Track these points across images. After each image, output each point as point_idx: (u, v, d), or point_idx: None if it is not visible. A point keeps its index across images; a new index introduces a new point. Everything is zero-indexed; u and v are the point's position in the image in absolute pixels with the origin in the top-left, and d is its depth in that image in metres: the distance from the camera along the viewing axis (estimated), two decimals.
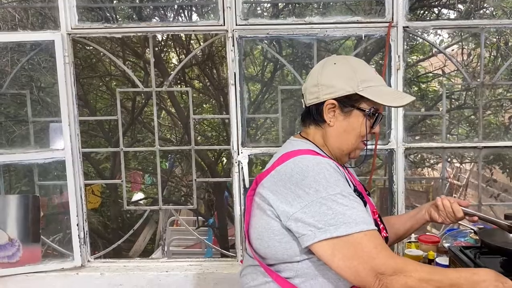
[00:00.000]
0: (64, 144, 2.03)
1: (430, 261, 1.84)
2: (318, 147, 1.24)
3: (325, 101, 1.20)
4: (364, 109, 1.20)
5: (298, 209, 1.07)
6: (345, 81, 1.19)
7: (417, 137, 4.84)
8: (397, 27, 2.00)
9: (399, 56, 2.01)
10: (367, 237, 1.06)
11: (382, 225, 1.28)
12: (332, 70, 1.22)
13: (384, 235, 1.26)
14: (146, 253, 5.61)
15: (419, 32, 2.09)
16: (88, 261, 2.13)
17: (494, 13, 3.63)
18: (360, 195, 1.20)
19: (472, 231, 1.81)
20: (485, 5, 3.50)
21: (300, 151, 1.17)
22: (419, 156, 5.30)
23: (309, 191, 1.08)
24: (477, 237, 1.69)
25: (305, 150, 1.18)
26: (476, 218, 1.40)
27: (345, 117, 1.20)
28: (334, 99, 1.19)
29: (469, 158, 5.25)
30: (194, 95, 5.36)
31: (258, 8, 3.77)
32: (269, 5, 3.77)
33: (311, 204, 1.07)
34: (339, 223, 1.05)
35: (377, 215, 1.29)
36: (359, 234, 1.05)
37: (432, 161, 5.50)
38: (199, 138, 5.77)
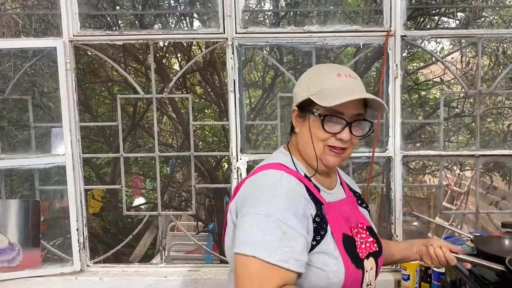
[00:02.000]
0: (65, 149, 2.05)
1: (427, 269, 1.85)
2: (293, 158, 1.24)
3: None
4: (314, 112, 1.17)
5: (238, 220, 1.13)
6: (302, 88, 1.21)
7: (417, 144, 4.86)
8: (395, 36, 2.02)
9: (396, 65, 2.03)
10: (257, 265, 1.04)
11: (372, 238, 1.25)
12: (300, 79, 1.27)
13: (374, 249, 1.23)
14: (146, 258, 5.61)
15: (417, 41, 2.11)
16: (88, 265, 2.14)
17: (493, 22, 3.65)
18: (321, 221, 1.14)
19: (469, 238, 1.82)
20: (483, 14, 3.52)
21: (269, 165, 1.20)
22: (421, 163, 5.31)
23: (249, 204, 1.11)
24: (473, 245, 1.70)
25: (275, 164, 1.20)
26: (469, 265, 1.39)
27: (304, 122, 1.20)
28: (296, 106, 1.23)
29: (469, 166, 5.25)
30: (195, 100, 5.39)
31: (259, 15, 3.81)
32: (270, 12, 3.80)
33: (243, 218, 1.10)
34: (245, 241, 1.07)
35: (364, 228, 1.25)
36: (251, 258, 1.04)
37: (433, 168, 5.51)
38: (200, 143, 5.79)
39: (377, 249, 1.25)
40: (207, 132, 6.13)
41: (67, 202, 2.08)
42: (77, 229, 2.08)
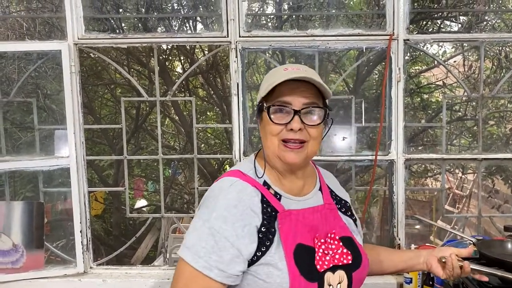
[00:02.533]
0: (69, 151, 2.07)
1: (429, 272, 1.85)
2: (255, 165, 1.22)
3: None
4: (263, 107, 1.17)
5: None
6: (258, 94, 1.22)
7: (420, 148, 4.86)
8: (397, 40, 2.03)
9: (399, 69, 2.04)
10: (185, 268, 1.09)
11: (345, 250, 1.17)
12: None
13: (346, 261, 1.16)
14: (148, 260, 5.63)
15: (419, 45, 2.12)
16: (91, 267, 2.15)
17: (495, 25, 3.66)
18: (267, 231, 1.12)
19: (471, 242, 1.82)
20: (486, 17, 3.53)
21: (229, 172, 1.22)
22: (423, 166, 5.31)
23: (199, 208, 1.16)
24: (476, 249, 1.70)
25: (234, 171, 1.21)
26: (485, 277, 1.35)
27: (260, 121, 1.22)
28: (257, 113, 1.23)
29: (472, 169, 5.25)
30: (198, 103, 5.41)
31: (262, 19, 3.82)
32: (272, 16, 3.82)
33: (192, 220, 1.15)
34: (183, 242, 1.11)
35: (336, 239, 1.18)
36: (181, 259, 1.10)
37: (435, 172, 5.51)
38: (202, 145, 5.81)
39: (351, 261, 1.17)
40: (209, 135, 6.15)
41: (71, 204, 2.09)
42: (80, 231, 2.09)
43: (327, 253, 1.14)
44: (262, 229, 1.11)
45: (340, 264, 1.15)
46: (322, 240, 1.16)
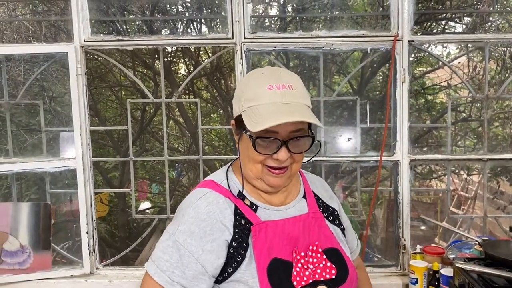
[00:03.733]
0: (76, 153, 2.08)
1: (435, 272, 1.85)
2: (227, 175, 1.17)
3: None
4: (246, 133, 1.07)
5: None
6: (236, 100, 1.11)
7: (424, 149, 4.85)
8: (402, 41, 2.04)
9: (404, 69, 2.04)
10: (148, 282, 1.07)
11: (329, 263, 1.10)
12: (236, 87, 1.16)
13: (328, 276, 1.08)
14: None
15: (424, 46, 2.12)
16: (97, 268, 2.17)
17: (500, 26, 3.65)
18: (239, 246, 1.07)
19: (477, 242, 1.82)
20: (490, 18, 3.52)
21: (202, 182, 1.18)
22: (428, 168, 5.30)
23: (172, 220, 1.14)
24: (482, 249, 1.70)
25: (207, 181, 1.16)
26: None
27: (240, 138, 1.12)
28: (233, 119, 1.14)
29: (477, 170, 5.23)
30: (202, 105, 5.42)
31: (267, 21, 3.83)
32: (277, 18, 3.83)
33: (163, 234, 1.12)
34: (151, 255, 1.10)
35: (319, 251, 1.11)
36: (146, 273, 1.08)
37: (440, 173, 5.49)
38: (206, 147, 5.81)
39: (334, 276, 1.09)
40: (213, 136, 6.15)
41: (77, 206, 2.11)
42: (87, 232, 2.11)
43: (307, 268, 1.07)
44: (233, 244, 1.06)
45: (322, 279, 1.07)
46: (302, 254, 1.09)
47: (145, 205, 6.66)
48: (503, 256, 1.55)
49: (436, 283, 1.85)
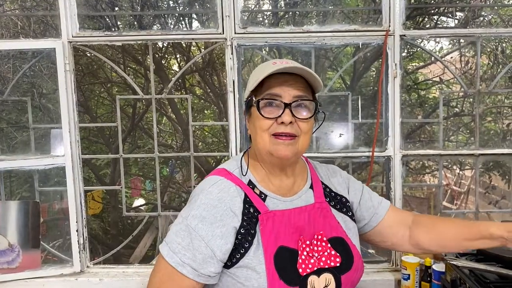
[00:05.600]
0: (65, 150, 2.05)
1: (427, 268, 1.85)
2: (241, 164, 1.21)
3: None
4: (252, 102, 1.15)
5: None
6: (246, 89, 1.20)
7: (417, 144, 4.86)
8: (394, 35, 2.02)
9: (396, 64, 2.03)
10: (162, 263, 1.11)
11: (333, 252, 1.14)
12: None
13: (333, 263, 1.12)
14: (146, 259, 5.62)
15: (416, 41, 2.11)
16: (87, 266, 2.14)
17: (492, 21, 3.65)
18: (247, 233, 1.10)
19: None
20: (482, 13, 3.52)
21: (215, 170, 1.22)
22: (421, 163, 5.31)
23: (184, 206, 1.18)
24: None
25: (219, 170, 1.21)
26: None
27: (249, 117, 1.20)
28: (244, 109, 1.23)
29: (469, 165, 5.26)
30: (195, 101, 5.39)
31: (258, 15, 3.81)
32: (269, 12, 3.81)
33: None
34: (165, 238, 1.13)
35: (324, 240, 1.14)
36: (160, 254, 1.12)
37: (433, 168, 5.51)
38: (200, 144, 5.80)
39: (339, 264, 1.13)
40: (206, 133, 6.14)
41: (67, 203, 2.08)
42: (77, 230, 2.08)
43: (312, 256, 1.11)
44: (241, 231, 1.10)
45: (327, 266, 1.12)
46: (308, 242, 1.13)
47: (139, 201, 6.64)
48: (495, 251, 1.55)
49: (428, 279, 1.84)
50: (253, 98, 1.14)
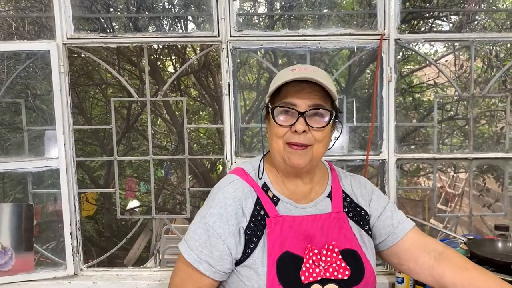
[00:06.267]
0: (59, 152, 2.04)
1: None
2: (260, 165, 1.22)
3: None
4: (269, 109, 1.16)
5: None
6: (269, 90, 1.20)
7: (411, 147, 4.88)
8: (388, 39, 2.03)
9: (390, 68, 2.04)
10: (181, 260, 1.15)
11: (343, 264, 1.11)
12: None
13: (340, 276, 1.10)
14: (141, 261, 5.60)
15: (411, 45, 2.12)
16: (81, 269, 2.13)
17: (486, 25, 3.68)
18: (253, 234, 1.11)
19: (462, 241, 1.82)
20: (477, 17, 3.55)
21: (234, 169, 1.25)
22: (415, 165, 5.33)
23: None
24: (467, 248, 1.71)
25: (237, 169, 1.24)
26: None
27: (268, 122, 1.21)
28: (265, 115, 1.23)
29: (463, 168, 5.28)
30: (190, 103, 5.38)
31: (254, 19, 3.81)
32: (264, 15, 3.81)
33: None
34: (184, 235, 1.17)
35: (334, 251, 1.12)
36: (180, 252, 1.15)
37: (427, 171, 5.53)
38: (194, 146, 5.78)
39: (347, 277, 1.10)
40: (201, 135, 6.13)
41: (60, 206, 2.07)
42: (70, 233, 2.07)
43: (318, 265, 1.10)
44: (247, 231, 1.12)
45: (333, 278, 1.09)
46: (316, 251, 1.11)
47: (133, 203, 6.61)
48: (488, 255, 1.56)
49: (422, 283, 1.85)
50: (269, 105, 1.16)
